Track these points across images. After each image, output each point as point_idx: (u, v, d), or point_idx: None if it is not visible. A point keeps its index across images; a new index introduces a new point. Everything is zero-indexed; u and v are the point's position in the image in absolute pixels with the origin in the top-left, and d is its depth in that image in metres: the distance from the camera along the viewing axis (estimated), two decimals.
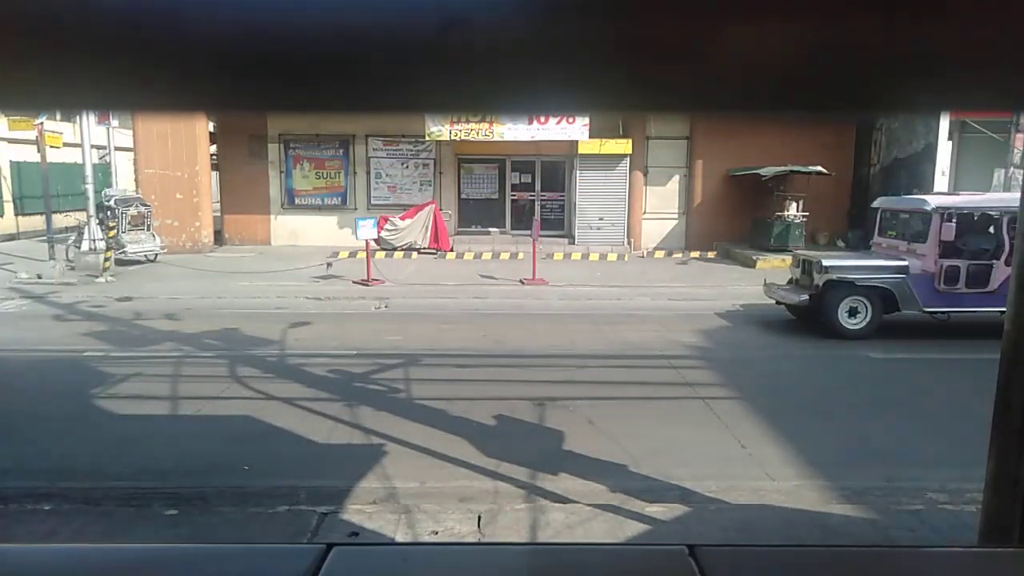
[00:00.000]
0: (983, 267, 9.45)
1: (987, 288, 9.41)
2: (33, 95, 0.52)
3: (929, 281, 9.46)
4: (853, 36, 0.48)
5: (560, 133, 17.20)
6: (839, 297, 9.51)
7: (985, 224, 9.90)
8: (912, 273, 9.51)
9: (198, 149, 17.80)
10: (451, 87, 0.51)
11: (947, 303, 9.55)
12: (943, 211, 9.50)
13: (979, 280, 9.44)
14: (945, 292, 9.46)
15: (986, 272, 9.43)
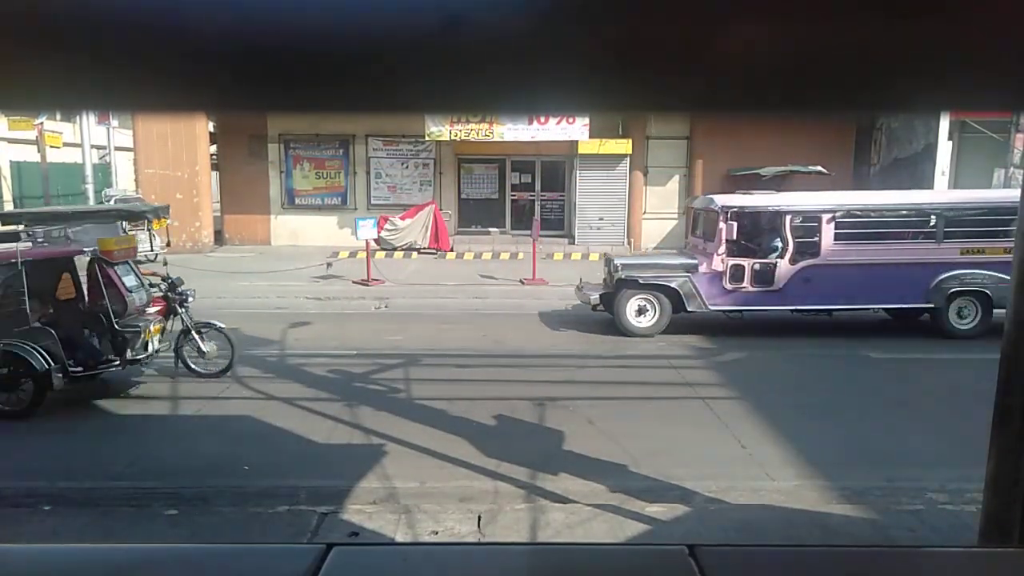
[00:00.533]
0: (768, 266, 9.56)
1: (772, 287, 9.53)
2: (33, 95, 0.52)
3: (717, 280, 9.56)
4: (853, 36, 0.48)
5: (560, 133, 17.20)
6: (627, 296, 9.62)
7: (771, 223, 9.97)
8: (701, 272, 9.61)
9: (198, 149, 17.81)
10: (451, 87, 0.51)
11: (734, 302, 9.68)
12: (727, 210, 9.63)
13: (764, 279, 9.54)
14: (732, 291, 9.57)
15: (771, 271, 9.54)
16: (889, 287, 9.51)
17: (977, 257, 9.59)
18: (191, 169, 17.70)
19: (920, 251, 9.63)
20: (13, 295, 6.51)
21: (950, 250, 9.55)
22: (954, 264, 9.52)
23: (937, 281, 9.47)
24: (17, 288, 6.48)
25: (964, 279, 9.49)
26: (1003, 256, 9.46)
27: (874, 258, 9.54)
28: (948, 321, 9.56)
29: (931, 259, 9.52)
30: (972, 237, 9.66)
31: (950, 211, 9.57)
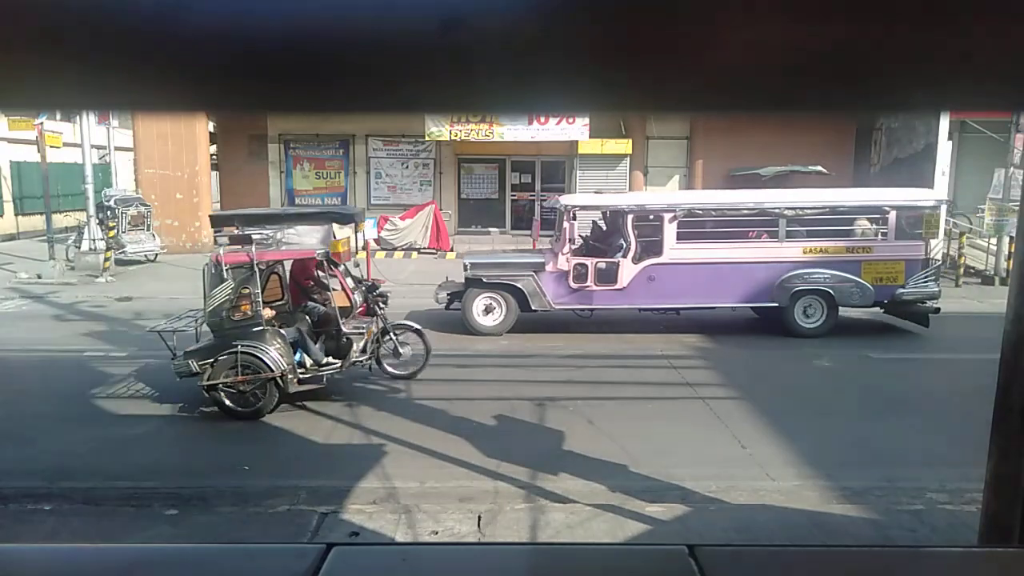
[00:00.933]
0: (612, 265, 9.58)
1: (616, 286, 9.55)
2: (33, 95, 0.52)
3: (563, 279, 9.58)
4: (853, 36, 0.48)
5: (560, 133, 17.21)
6: (474, 295, 9.64)
7: (615, 222, 10.01)
8: (547, 271, 9.61)
9: (198, 149, 17.81)
10: (451, 87, 0.51)
11: (579, 300, 9.71)
12: (570, 209, 9.66)
13: (608, 278, 9.57)
14: (577, 289, 9.58)
15: (615, 270, 9.56)
16: (734, 286, 9.55)
17: (819, 256, 9.64)
18: (191, 169, 17.70)
19: (763, 250, 9.67)
20: (247, 298, 6.50)
21: (793, 249, 9.60)
22: (797, 263, 9.57)
23: (780, 280, 9.52)
24: (252, 291, 6.48)
25: (807, 278, 9.53)
26: (845, 255, 9.60)
27: (717, 257, 9.60)
28: (794, 320, 9.59)
29: (774, 258, 9.57)
30: (814, 236, 9.74)
31: (791, 210, 9.63)
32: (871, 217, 9.77)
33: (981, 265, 14.60)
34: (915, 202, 9.84)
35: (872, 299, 9.59)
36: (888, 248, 9.62)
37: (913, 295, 9.62)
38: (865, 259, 9.61)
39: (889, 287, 9.58)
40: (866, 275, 9.58)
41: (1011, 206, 13.26)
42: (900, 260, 9.60)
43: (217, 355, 6.39)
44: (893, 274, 9.61)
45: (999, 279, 13.42)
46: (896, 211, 9.60)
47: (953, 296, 13.01)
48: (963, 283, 13.84)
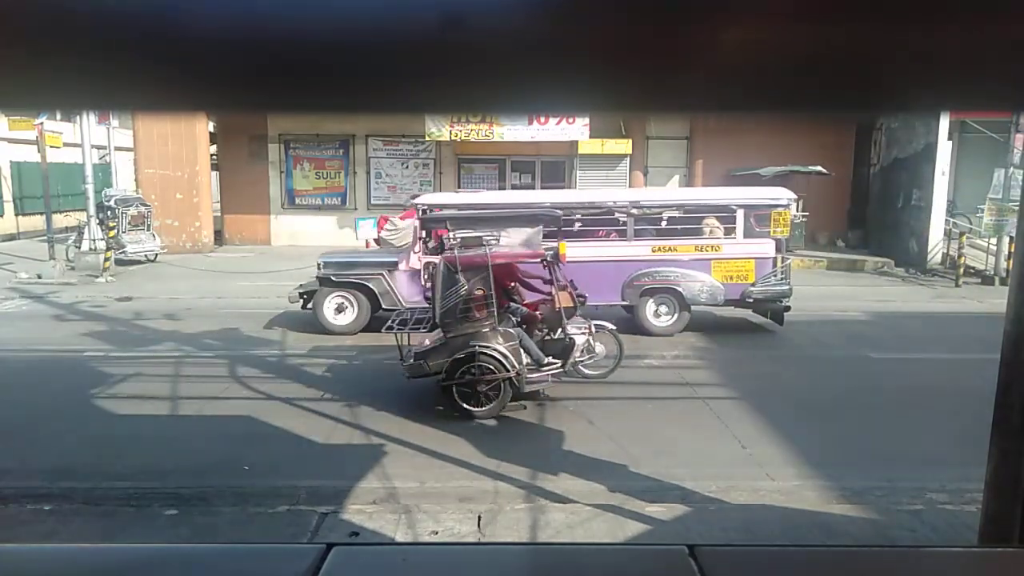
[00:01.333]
0: None
1: None
2: (33, 95, 0.52)
3: (416, 277, 9.60)
4: (853, 36, 0.48)
5: (560, 133, 17.21)
6: (325, 294, 9.62)
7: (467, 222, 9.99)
8: (400, 270, 9.64)
9: (198, 149, 17.80)
10: (451, 87, 0.51)
11: None
12: (420, 208, 9.78)
13: None
14: None
15: None
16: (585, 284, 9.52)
17: (668, 255, 9.66)
18: (191, 169, 17.70)
19: (612, 249, 9.68)
20: (482, 299, 6.53)
21: (641, 248, 9.62)
22: (646, 262, 9.58)
23: (630, 278, 9.54)
24: (487, 292, 6.51)
25: (656, 276, 9.55)
26: (694, 254, 9.62)
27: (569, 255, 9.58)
28: (645, 318, 9.62)
29: (623, 257, 9.57)
30: (663, 235, 9.78)
31: (638, 209, 9.66)
32: (720, 216, 9.81)
33: (981, 265, 14.60)
34: (762, 200, 9.86)
35: (723, 297, 9.61)
36: (737, 247, 9.65)
37: (763, 294, 9.65)
38: (715, 258, 9.63)
39: (739, 285, 9.59)
40: (716, 274, 9.60)
41: (1011, 206, 13.26)
42: (750, 259, 9.61)
43: (453, 355, 6.42)
44: (743, 273, 9.62)
45: (999, 279, 13.42)
46: (744, 209, 9.63)
47: (953, 296, 13.02)
48: (963, 283, 13.85)
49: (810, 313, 11.18)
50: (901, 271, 15.44)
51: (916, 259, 15.66)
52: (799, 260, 16.06)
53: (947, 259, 15.32)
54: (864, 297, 12.71)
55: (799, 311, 10.06)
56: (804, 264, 16.02)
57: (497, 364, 6.37)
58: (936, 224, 15.53)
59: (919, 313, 11.49)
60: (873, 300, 12.42)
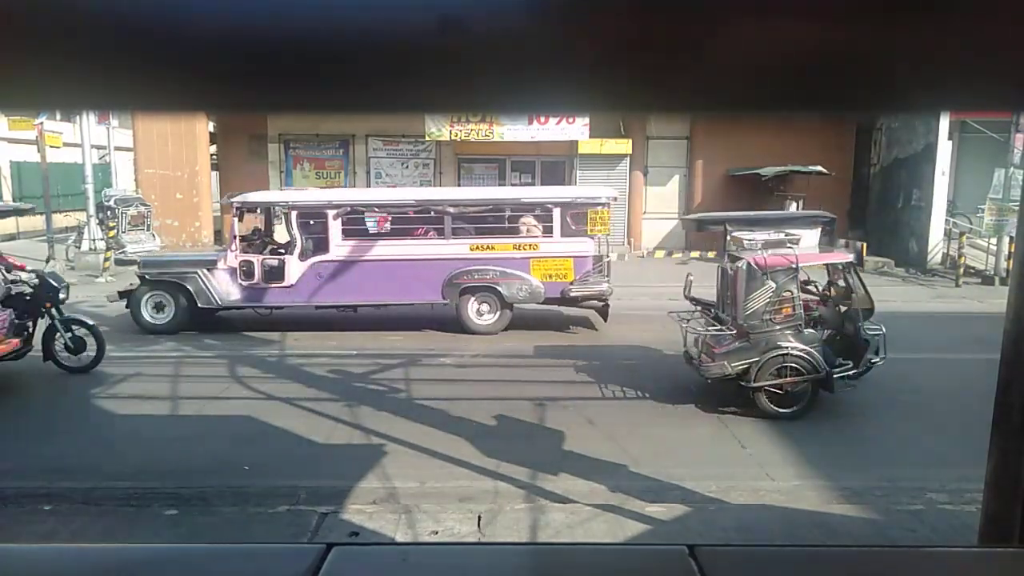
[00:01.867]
0: (279, 262, 9.60)
1: (284, 283, 9.59)
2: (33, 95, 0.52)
3: (233, 276, 9.60)
4: (853, 36, 0.48)
5: (560, 133, 17.20)
6: (143, 292, 9.66)
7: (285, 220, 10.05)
8: (218, 268, 9.61)
9: (198, 149, 17.80)
10: (451, 87, 0.51)
11: (248, 298, 9.72)
12: (239, 206, 9.72)
13: (276, 275, 9.60)
14: (247, 287, 9.59)
15: (281, 267, 9.59)
16: (406, 283, 9.59)
17: (487, 253, 9.68)
18: (191, 169, 17.69)
19: (430, 248, 9.71)
20: (789, 300, 6.56)
21: (460, 247, 9.65)
22: (464, 260, 9.61)
23: (449, 277, 9.57)
24: (794, 293, 6.55)
25: (475, 275, 9.58)
26: (512, 252, 9.66)
27: (385, 254, 9.64)
28: (467, 317, 9.66)
29: (442, 255, 9.60)
30: (481, 234, 9.80)
31: (455, 207, 9.68)
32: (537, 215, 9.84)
33: (981, 265, 14.60)
34: (579, 199, 9.88)
35: (542, 296, 9.65)
36: (555, 245, 9.69)
37: (583, 292, 9.69)
38: (533, 256, 9.66)
39: (559, 284, 9.64)
40: (535, 272, 9.64)
41: (1011, 206, 13.26)
42: (568, 257, 9.66)
43: (760, 357, 6.45)
44: (562, 271, 9.67)
45: (999, 279, 13.42)
46: (560, 208, 9.66)
47: (953, 296, 13.01)
48: (963, 283, 13.84)
49: None
50: (901, 271, 15.43)
51: (916, 259, 15.66)
52: None
53: (947, 259, 15.32)
54: None
55: None
56: None
57: (808, 366, 6.43)
58: (936, 224, 15.52)
59: (919, 313, 11.48)
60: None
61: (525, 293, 9.61)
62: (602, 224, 9.70)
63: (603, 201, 9.74)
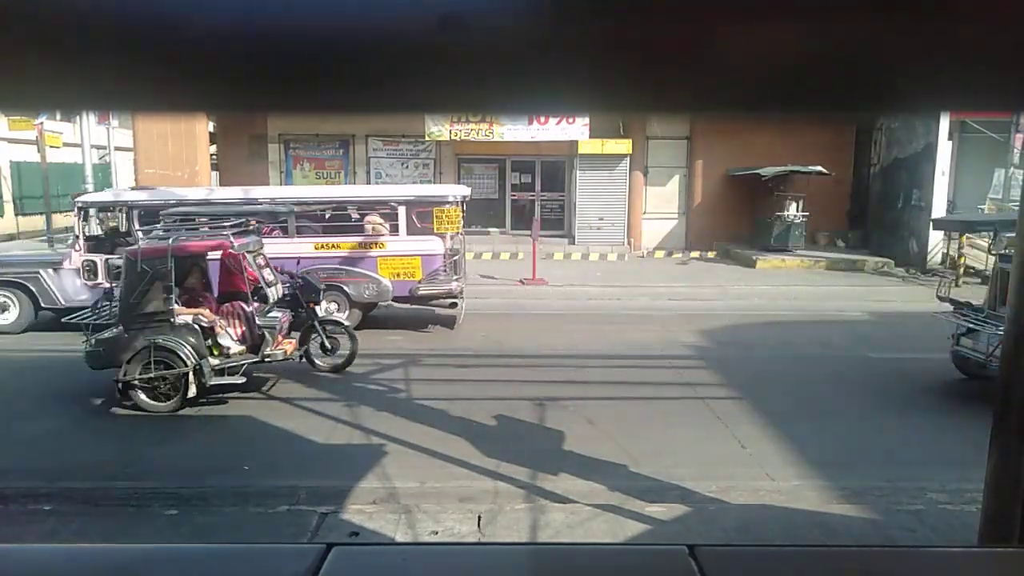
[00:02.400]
0: None
1: None
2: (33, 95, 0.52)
3: (78, 275, 9.58)
4: (853, 36, 0.48)
5: (560, 133, 17.20)
6: None
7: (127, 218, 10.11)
8: (65, 268, 9.59)
9: (198, 149, 17.79)
10: (451, 87, 0.51)
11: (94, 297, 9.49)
12: (82, 205, 9.75)
13: None
14: (93, 286, 9.48)
15: None
16: None
17: (333, 252, 9.69)
18: (191, 169, 17.68)
19: (275, 246, 9.59)
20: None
21: (304, 245, 9.65)
22: (310, 259, 9.57)
23: None
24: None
25: (319, 274, 9.49)
26: (360, 251, 9.68)
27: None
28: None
29: (286, 254, 9.50)
30: (325, 232, 9.80)
31: (298, 206, 9.67)
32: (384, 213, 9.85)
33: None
34: (424, 197, 9.89)
35: (390, 295, 9.67)
36: (401, 244, 9.70)
37: (431, 291, 9.71)
38: (380, 255, 9.67)
39: (407, 282, 9.66)
40: (383, 271, 9.64)
41: (1011, 206, 13.26)
42: (416, 256, 9.66)
43: None
44: (410, 270, 9.68)
45: None
46: (406, 206, 9.66)
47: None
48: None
49: (810, 313, 11.19)
50: (901, 271, 15.44)
51: (916, 259, 15.66)
52: (799, 260, 16.08)
53: (947, 259, 15.32)
54: (864, 297, 12.71)
55: (799, 311, 10.08)
56: (804, 264, 16.02)
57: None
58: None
59: (919, 313, 11.48)
60: (873, 300, 12.42)
61: (373, 292, 9.62)
62: (450, 223, 9.68)
63: (451, 200, 9.72)
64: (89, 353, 6.63)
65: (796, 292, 13.09)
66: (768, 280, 14.23)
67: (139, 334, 6.54)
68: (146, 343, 6.47)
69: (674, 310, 11.39)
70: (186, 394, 6.54)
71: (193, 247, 7.08)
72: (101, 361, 6.65)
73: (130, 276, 6.57)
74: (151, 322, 6.57)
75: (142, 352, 6.47)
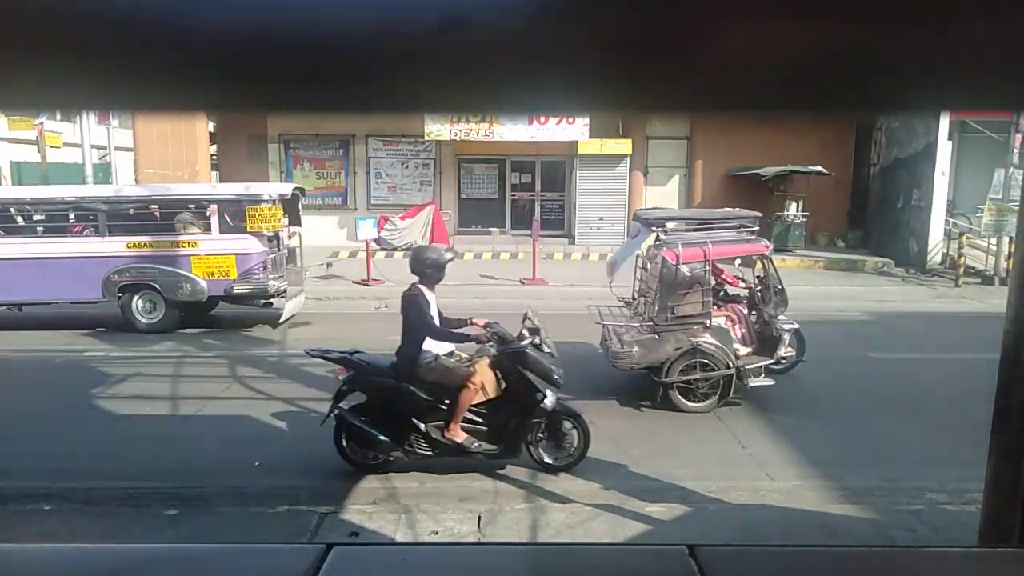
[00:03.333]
0: None
1: None
2: (33, 95, 0.52)
3: None
4: (853, 36, 0.48)
5: (560, 133, 17.19)
6: None
7: None
8: None
9: (198, 149, 17.79)
10: (451, 87, 0.51)
11: None
12: None
13: None
14: None
15: None
16: (65, 281, 9.52)
17: (144, 251, 9.67)
18: (191, 169, 17.68)
19: (86, 245, 9.65)
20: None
21: (116, 244, 9.60)
22: (123, 258, 9.56)
23: (107, 275, 9.53)
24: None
25: (133, 273, 9.56)
26: (173, 250, 9.64)
27: (44, 252, 9.57)
28: (133, 315, 9.65)
29: (99, 253, 9.53)
30: (138, 231, 9.77)
31: (108, 204, 9.63)
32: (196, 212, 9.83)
33: (981, 265, 14.60)
34: (236, 196, 9.86)
35: (205, 294, 9.66)
36: (214, 243, 9.67)
37: (246, 290, 9.70)
38: (193, 254, 9.64)
39: (222, 281, 9.65)
40: (197, 269, 9.62)
41: (1011, 206, 13.26)
42: (230, 254, 9.63)
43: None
44: (225, 268, 9.65)
45: (999, 279, 13.42)
46: (217, 205, 9.65)
47: (953, 296, 13.02)
48: (963, 283, 13.84)
49: (810, 313, 11.17)
50: (901, 271, 15.44)
51: (916, 259, 15.66)
52: (799, 260, 16.09)
53: (947, 259, 15.31)
54: (864, 297, 12.70)
55: (799, 311, 10.02)
56: (804, 264, 16.02)
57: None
58: (936, 224, 15.52)
59: (919, 313, 11.49)
60: (873, 300, 12.42)
61: (187, 291, 9.62)
62: (264, 221, 9.63)
63: (266, 199, 9.69)
64: None
65: (796, 292, 13.00)
66: None
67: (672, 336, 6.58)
68: (691, 346, 6.51)
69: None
70: (726, 394, 6.61)
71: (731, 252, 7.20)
72: None
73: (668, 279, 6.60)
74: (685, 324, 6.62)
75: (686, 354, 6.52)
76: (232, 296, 9.77)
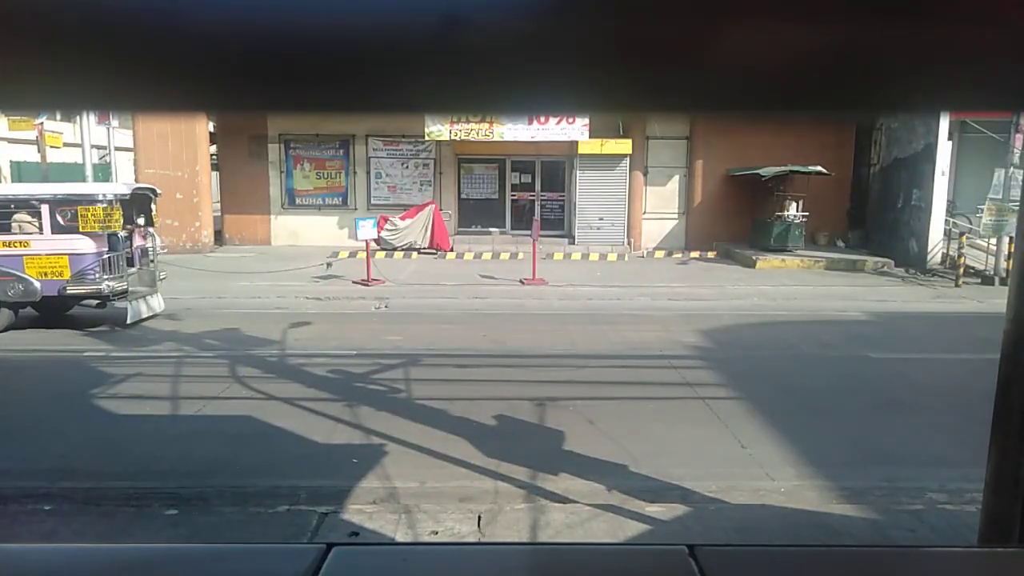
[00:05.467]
0: None
1: None
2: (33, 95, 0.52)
3: None
4: (853, 36, 0.48)
5: (560, 133, 17.20)
6: None
7: None
8: None
9: (198, 149, 17.80)
10: (451, 87, 0.51)
11: None
12: None
13: None
14: None
15: None
16: None
17: None
18: (191, 169, 17.69)
19: None
20: None
21: None
22: None
23: None
24: None
25: None
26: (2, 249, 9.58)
27: None
28: None
29: None
30: None
31: None
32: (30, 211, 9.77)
33: (981, 265, 14.60)
34: (67, 195, 9.82)
35: (39, 294, 9.62)
36: (46, 243, 9.62)
37: (80, 290, 9.67)
38: (26, 254, 9.60)
39: (56, 282, 9.62)
40: (30, 270, 9.59)
41: (1011, 206, 13.26)
42: (63, 254, 9.60)
43: None
44: (58, 269, 9.62)
45: (999, 279, 13.43)
46: (48, 205, 9.60)
47: (953, 296, 13.02)
48: (963, 283, 13.85)
49: (810, 313, 11.19)
50: (901, 271, 15.44)
51: (916, 259, 15.67)
52: (799, 260, 16.09)
53: (947, 259, 15.32)
54: (864, 297, 12.71)
55: (799, 311, 10.06)
56: (804, 264, 16.03)
57: None
58: (936, 224, 15.53)
59: (919, 313, 11.50)
60: (873, 300, 12.42)
61: (19, 291, 9.58)
62: (96, 221, 9.56)
63: (100, 199, 9.63)
64: None
65: (796, 292, 13.09)
66: (768, 280, 14.24)
67: None
68: None
69: (674, 310, 11.40)
70: None
71: None
72: None
73: None
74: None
75: None
76: (66, 296, 9.75)
